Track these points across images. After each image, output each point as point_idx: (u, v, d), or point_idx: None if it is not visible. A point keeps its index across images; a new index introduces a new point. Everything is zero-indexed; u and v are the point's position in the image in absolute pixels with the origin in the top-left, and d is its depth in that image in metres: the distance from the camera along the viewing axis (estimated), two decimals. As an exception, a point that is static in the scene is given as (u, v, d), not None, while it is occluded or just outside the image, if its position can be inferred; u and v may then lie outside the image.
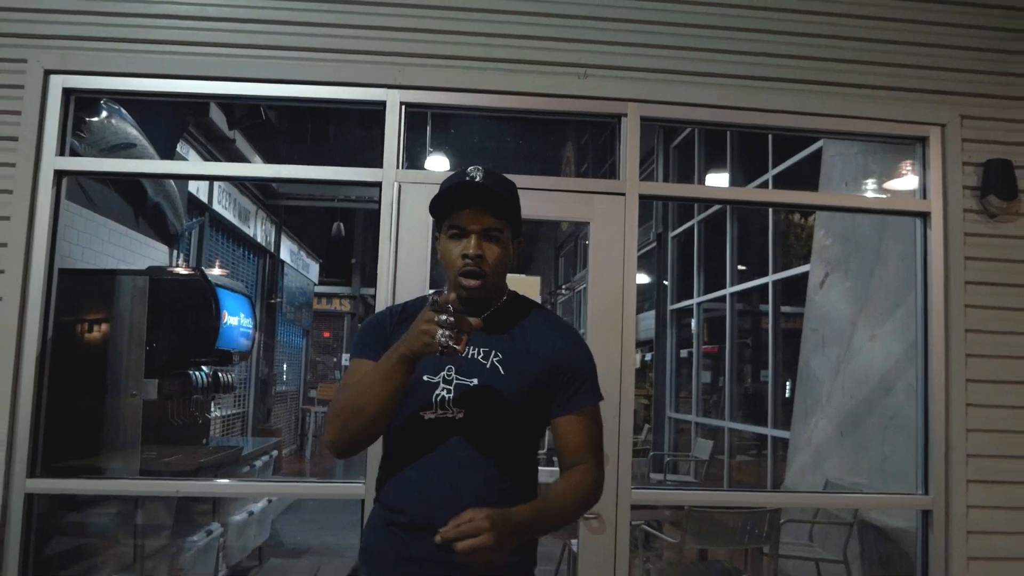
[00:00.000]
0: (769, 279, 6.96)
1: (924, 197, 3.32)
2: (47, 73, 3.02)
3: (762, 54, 3.25)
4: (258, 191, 8.98)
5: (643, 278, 10.34)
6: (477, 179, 1.65)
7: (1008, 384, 3.21)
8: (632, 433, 3.16)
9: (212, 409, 4.13)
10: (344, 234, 13.30)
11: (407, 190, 3.06)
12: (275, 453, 5.48)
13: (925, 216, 3.30)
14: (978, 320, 3.22)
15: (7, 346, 2.89)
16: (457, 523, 1.39)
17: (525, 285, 3.13)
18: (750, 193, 5.98)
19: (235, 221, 7.85)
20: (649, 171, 9.68)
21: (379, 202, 3.06)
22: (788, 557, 4.56)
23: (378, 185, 3.06)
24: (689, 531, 3.62)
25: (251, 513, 4.63)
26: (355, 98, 3.13)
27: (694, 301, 8.79)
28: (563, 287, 15.89)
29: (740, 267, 7.89)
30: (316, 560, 5.43)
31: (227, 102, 4.48)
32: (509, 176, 1.78)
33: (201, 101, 5.17)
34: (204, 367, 3.99)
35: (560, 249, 15.77)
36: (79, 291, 3.32)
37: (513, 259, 1.77)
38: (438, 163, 6.54)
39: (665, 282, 9.68)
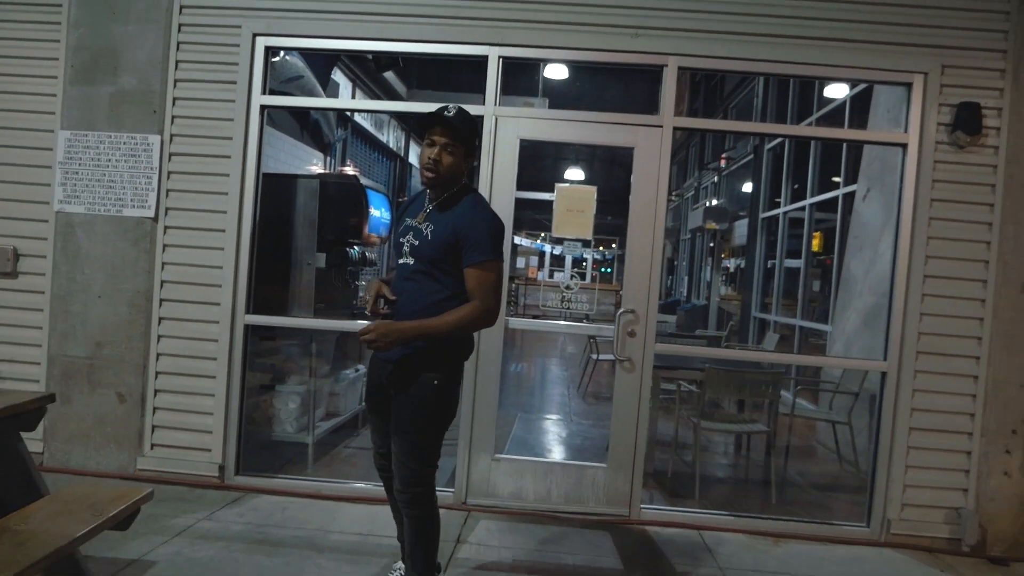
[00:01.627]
0: (840, 192, 7.72)
1: (904, 130, 4.27)
2: (254, 36, 4.40)
3: (777, 16, 4.23)
4: (389, 97, 10.28)
5: (746, 187, 11.01)
6: (447, 113, 2.72)
7: (957, 280, 4.20)
8: (657, 302, 4.38)
9: (360, 278, 5.57)
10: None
11: (502, 122, 4.30)
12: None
13: (904, 146, 4.26)
14: (938, 230, 4.20)
15: (232, 227, 4.38)
16: (365, 328, 2.64)
17: (581, 193, 4.38)
18: (764, 127, 6.90)
19: (372, 130, 9.27)
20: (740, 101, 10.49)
21: (482, 128, 4.32)
22: (805, 417, 5.72)
23: (481, 117, 4.31)
24: (710, 384, 4.83)
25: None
26: (467, 53, 4.36)
27: (780, 211, 9.59)
28: (674, 193, 16.82)
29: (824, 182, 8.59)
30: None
31: (377, 55, 5.71)
32: (577, 111, 2.96)
33: (359, 55, 6.50)
34: (356, 246, 5.47)
35: (672, 156, 16.67)
36: (273, 190, 4.77)
37: (464, 168, 2.82)
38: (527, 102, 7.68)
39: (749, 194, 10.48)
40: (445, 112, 2.75)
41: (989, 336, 4.18)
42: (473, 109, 4.34)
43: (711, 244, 13.08)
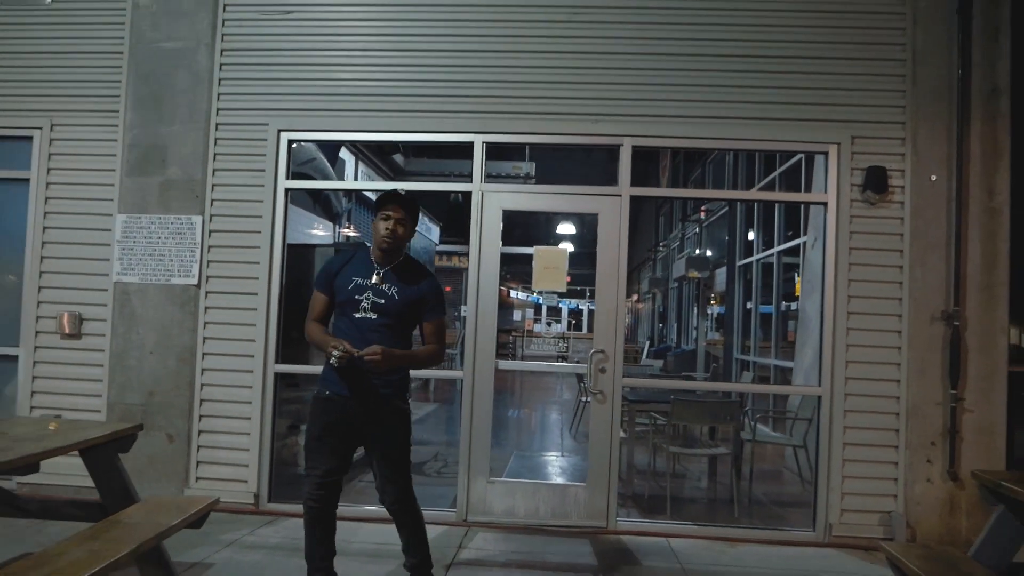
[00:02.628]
0: (800, 241, 8.58)
1: (825, 191, 5.14)
2: (279, 131, 5.33)
3: (712, 101, 5.14)
4: (392, 173, 11.28)
5: (725, 237, 11.96)
6: (400, 193, 3.54)
7: (875, 315, 5.02)
8: (623, 346, 5.19)
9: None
10: (462, 200, 15.72)
11: (487, 196, 5.18)
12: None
13: (825, 204, 5.13)
14: (858, 273, 5.04)
15: (263, 290, 5.24)
16: (366, 350, 3.21)
17: (556, 253, 5.23)
18: (708, 193, 7.86)
19: (373, 198, 10.26)
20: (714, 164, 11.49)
21: (470, 202, 5.20)
22: (766, 442, 6.48)
23: (469, 193, 5.20)
24: (674, 413, 5.60)
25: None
26: (456, 140, 5.28)
27: (753, 259, 10.43)
28: (660, 245, 17.77)
29: (789, 232, 9.47)
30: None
31: (381, 142, 6.66)
32: (552, 184, 3.83)
33: (364, 142, 7.48)
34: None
35: (659, 210, 17.63)
36: (296, 257, 5.64)
37: (408, 237, 3.56)
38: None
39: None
40: (398, 192, 3.58)
41: (907, 362, 4.98)
42: (462, 186, 5.26)
43: (696, 292, 13.91)
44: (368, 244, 3.73)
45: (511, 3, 5.26)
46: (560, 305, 25.00)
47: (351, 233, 9.04)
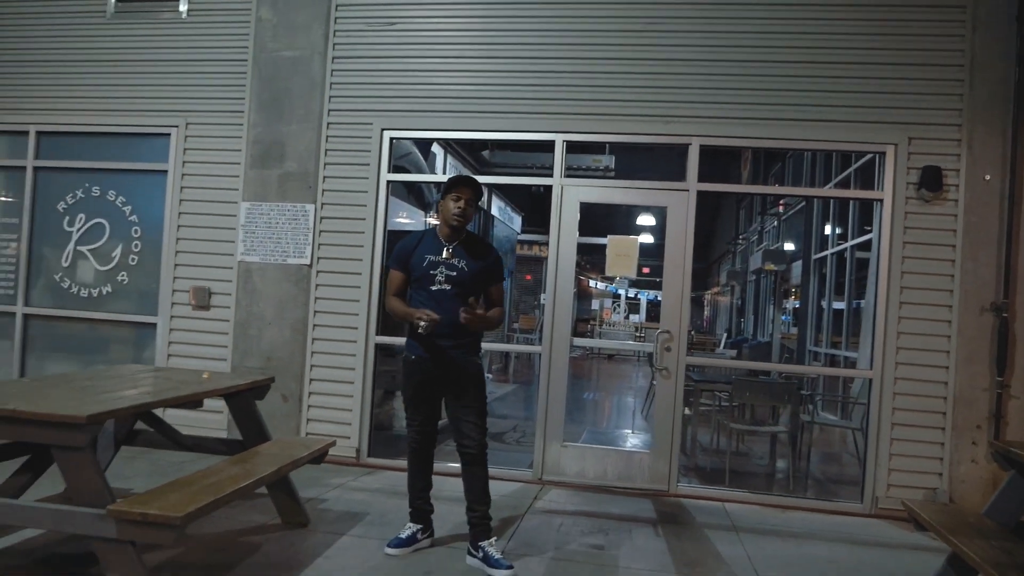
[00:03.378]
0: (871, 236, 8.93)
1: (880, 189, 5.59)
2: (382, 130, 6.09)
3: (777, 104, 5.65)
4: (478, 165, 12.02)
5: (799, 233, 12.30)
6: (469, 177, 4.10)
7: (926, 306, 5.45)
8: (687, 328, 5.76)
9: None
10: (543, 192, 16.43)
11: (566, 189, 5.83)
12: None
13: (881, 201, 5.58)
14: (910, 266, 5.48)
15: (366, 271, 6.03)
16: (470, 313, 3.74)
17: (627, 242, 5.84)
18: (771, 189, 8.37)
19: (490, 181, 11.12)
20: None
21: (551, 195, 5.86)
22: (824, 424, 6.95)
23: (550, 186, 5.86)
24: (735, 392, 6.14)
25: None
26: (539, 139, 5.94)
27: (828, 252, 10.76)
28: (740, 237, 18.09)
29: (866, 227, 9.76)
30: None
31: (471, 140, 7.38)
32: (626, 179, 4.45)
33: (454, 138, 8.22)
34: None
35: (739, 204, 17.94)
36: (394, 242, 6.40)
37: (472, 216, 4.02)
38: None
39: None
40: (468, 175, 4.14)
41: (955, 350, 5.40)
42: (544, 180, 5.90)
43: (772, 285, 14.20)
44: (433, 226, 4.23)
45: (591, 14, 5.87)
46: (639, 296, 25.50)
47: (436, 221, 9.84)
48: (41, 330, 6.87)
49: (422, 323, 3.75)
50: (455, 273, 3.96)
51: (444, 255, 3.97)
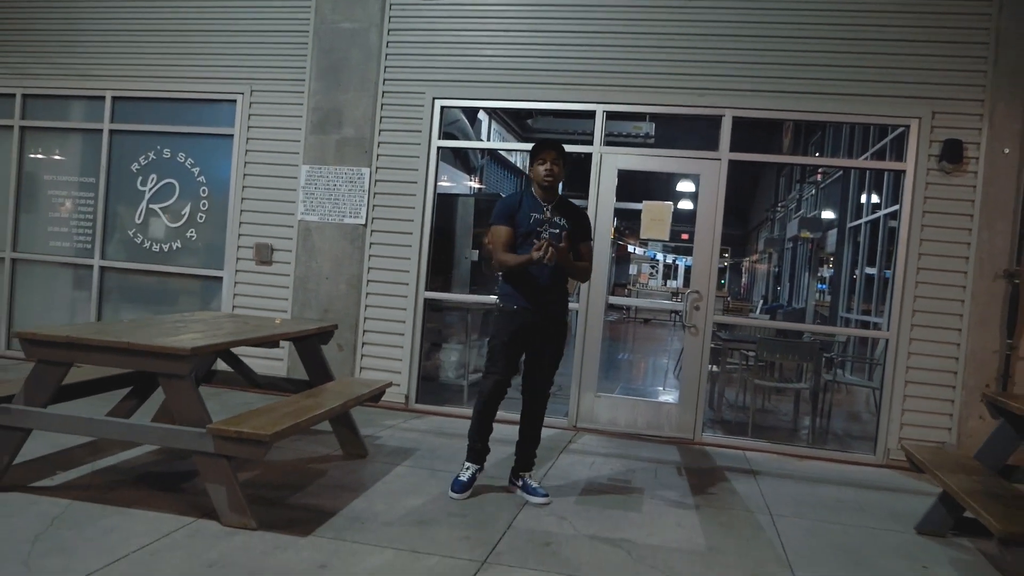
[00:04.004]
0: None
1: (904, 160, 5.96)
2: (433, 99, 6.59)
3: (806, 78, 6.02)
4: (520, 130, 12.48)
5: (835, 201, 12.57)
6: (552, 142, 4.33)
7: (942, 271, 5.84)
8: (715, 289, 6.21)
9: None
10: (583, 157, 16.92)
11: (605, 157, 6.29)
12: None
13: (904, 172, 5.95)
14: (929, 233, 5.86)
15: (417, 231, 6.57)
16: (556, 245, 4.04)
17: (660, 207, 6.29)
18: (797, 159, 8.64)
19: (503, 153, 11.51)
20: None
21: (590, 161, 6.32)
22: (845, 383, 7.39)
23: (590, 154, 6.32)
24: (761, 351, 6.60)
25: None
26: (580, 109, 6.40)
27: (862, 221, 11.05)
28: (779, 205, 18.34)
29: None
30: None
31: (516, 109, 7.84)
32: (661, 148, 4.93)
33: (501, 107, 8.71)
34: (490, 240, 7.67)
35: (779, 172, 18.17)
36: (443, 205, 6.94)
37: (562, 176, 4.31)
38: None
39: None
40: (552, 142, 4.38)
41: (968, 314, 5.80)
42: (584, 148, 6.37)
43: (808, 252, 14.47)
44: (527, 188, 4.49)
45: (632, -9, 6.28)
46: (677, 262, 25.83)
47: (479, 186, 10.34)
48: (116, 282, 7.55)
49: (544, 253, 3.95)
50: (557, 231, 4.26)
51: (547, 214, 4.27)
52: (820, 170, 13.70)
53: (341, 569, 3.22)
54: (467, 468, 4.40)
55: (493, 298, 4.53)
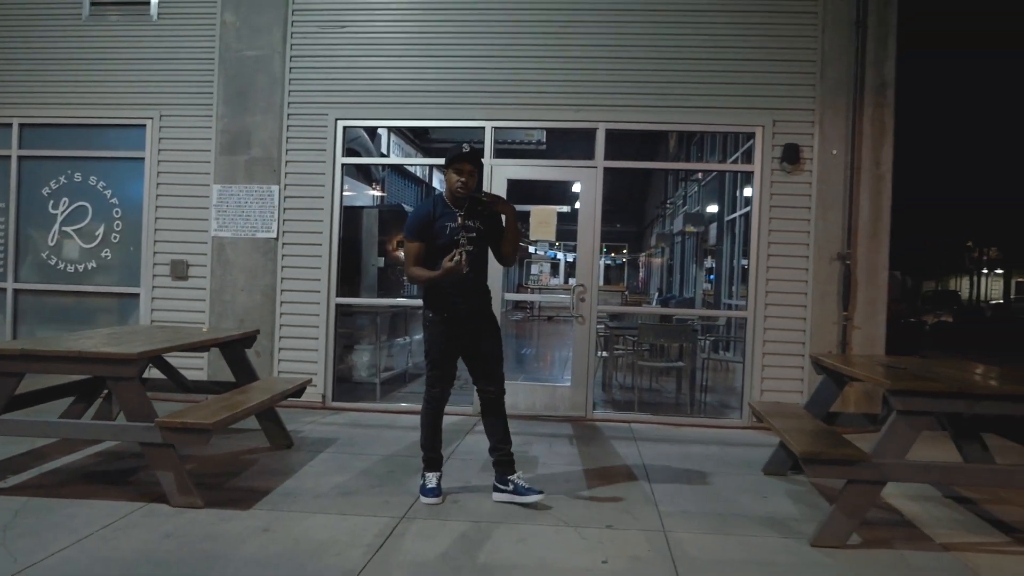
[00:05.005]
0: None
1: (751, 162, 6.97)
2: (336, 119, 7.22)
3: (668, 94, 6.96)
4: (418, 140, 13.12)
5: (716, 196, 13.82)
6: (464, 150, 4.28)
7: (788, 256, 6.87)
8: (598, 282, 7.08)
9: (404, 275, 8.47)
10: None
11: (496, 168, 7.07)
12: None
13: (751, 173, 6.96)
14: (776, 224, 6.88)
15: (325, 242, 7.19)
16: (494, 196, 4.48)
17: (546, 211, 7.11)
18: (661, 164, 10.18)
19: (414, 163, 12.18)
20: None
21: (483, 172, 7.08)
22: (718, 359, 8.41)
23: (482, 165, 7.07)
24: (641, 334, 7.52)
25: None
26: (471, 125, 7.16)
27: (737, 214, 12.23)
28: (668, 202, 19.62)
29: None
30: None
31: (410, 127, 8.52)
32: (541, 159, 5.72)
33: (398, 126, 9.39)
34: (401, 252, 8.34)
35: (668, 171, 19.44)
36: (350, 217, 7.57)
37: (475, 184, 4.36)
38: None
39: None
40: (465, 151, 4.33)
41: (811, 292, 6.84)
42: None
43: (695, 245, 15.69)
44: (439, 194, 4.60)
45: (514, 19, 7.07)
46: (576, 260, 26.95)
47: (382, 194, 11.01)
48: (30, 304, 7.86)
49: (455, 260, 4.15)
50: (474, 234, 4.36)
51: (460, 221, 4.33)
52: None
53: (281, 530, 3.87)
54: (430, 477, 4.51)
55: (402, 301, 5.16)
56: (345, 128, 7.31)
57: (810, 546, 3.85)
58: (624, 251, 27.08)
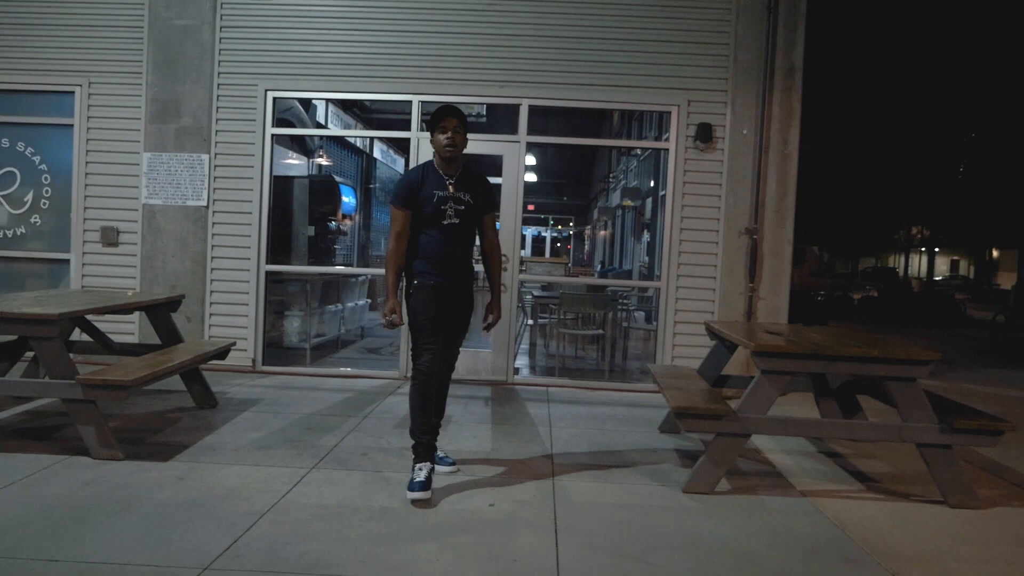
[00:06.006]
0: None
1: (666, 140, 7.37)
2: (266, 90, 7.43)
3: (588, 72, 7.30)
4: (360, 110, 13.30)
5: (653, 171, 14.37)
6: (453, 107, 4.12)
7: (700, 231, 7.31)
8: (519, 252, 7.45)
9: (336, 242, 8.68)
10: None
11: (422, 142, 7.36)
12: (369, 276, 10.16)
13: (666, 151, 7.36)
14: (689, 200, 7.31)
15: (255, 211, 7.43)
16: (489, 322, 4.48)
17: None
18: (582, 140, 10.22)
19: (343, 134, 12.39)
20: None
21: (409, 146, 7.37)
22: (637, 328, 8.88)
23: (408, 140, 7.37)
24: (563, 303, 7.93)
25: (357, 303, 9.30)
26: (398, 99, 7.43)
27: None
28: (611, 176, 20.08)
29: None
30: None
31: (343, 99, 8.73)
32: (482, 134, 6.03)
33: (328, 98, 9.58)
34: (333, 221, 8.57)
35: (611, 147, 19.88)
36: (280, 186, 7.80)
37: (465, 144, 4.14)
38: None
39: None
40: (450, 105, 4.19)
41: (721, 264, 7.30)
42: (403, 134, 7.41)
43: (633, 219, 16.17)
44: (429, 161, 4.31)
45: (439, -5, 7.35)
46: (523, 232, 27.36)
47: (324, 162, 11.22)
48: (-42, 268, 7.97)
49: (391, 321, 4.16)
50: (463, 207, 4.14)
51: (450, 190, 4.10)
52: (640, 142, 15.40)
53: (196, 479, 4.20)
54: (421, 468, 4.08)
55: (333, 269, 5.36)
56: (275, 99, 7.52)
57: (682, 492, 4.30)
58: (571, 224, 27.54)
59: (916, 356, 4.19)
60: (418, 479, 4.02)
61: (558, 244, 29.49)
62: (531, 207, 25.10)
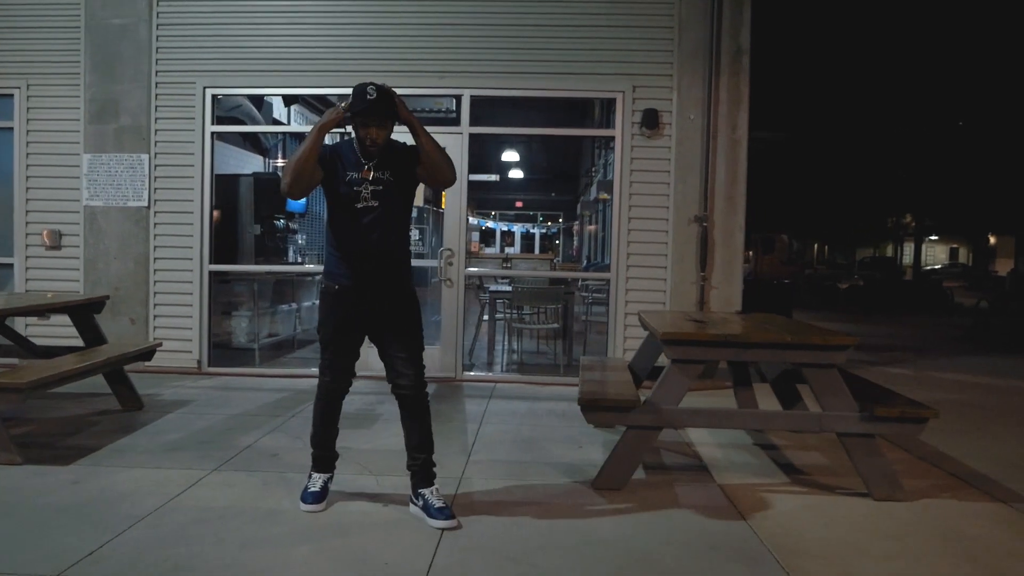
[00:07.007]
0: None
1: (612, 127, 7.19)
2: (204, 88, 7.29)
3: (529, 60, 7.13)
4: (323, 107, 13.11)
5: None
6: (369, 97, 3.35)
7: (649, 219, 7.12)
8: (465, 246, 7.29)
9: (286, 242, 8.54)
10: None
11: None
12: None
13: (612, 139, 7.18)
14: (637, 188, 7.13)
15: (197, 210, 7.29)
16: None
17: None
18: (524, 130, 9.83)
19: (304, 132, 12.23)
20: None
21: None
22: (593, 320, 8.71)
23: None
24: (516, 297, 7.76)
25: (315, 302, 9.17)
26: (337, 93, 7.27)
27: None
28: (593, 169, 19.91)
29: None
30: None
31: (289, 93, 8.59)
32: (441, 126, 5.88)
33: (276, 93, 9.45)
34: (281, 220, 8.42)
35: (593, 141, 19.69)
36: (225, 185, 7.66)
37: (390, 133, 3.52)
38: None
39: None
40: (370, 96, 3.37)
41: (671, 253, 7.12)
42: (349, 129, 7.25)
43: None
44: (350, 139, 3.70)
45: (378, -15, 7.19)
46: (511, 229, 27.28)
47: (280, 163, 11.08)
48: (-98, 275, 7.86)
49: (338, 112, 3.46)
50: (381, 187, 3.55)
51: (367, 174, 3.54)
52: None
53: (91, 483, 4.05)
54: (316, 478, 3.86)
55: (279, 268, 5.18)
56: (214, 97, 7.38)
57: (592, 489, 4.13)
58: (560, 220, 27.33)
59: (831, 342, 4.01)
60: (312, 489, 3.82)
61: (548, 240, 29.32)
62: (519, 204, 24.91)
